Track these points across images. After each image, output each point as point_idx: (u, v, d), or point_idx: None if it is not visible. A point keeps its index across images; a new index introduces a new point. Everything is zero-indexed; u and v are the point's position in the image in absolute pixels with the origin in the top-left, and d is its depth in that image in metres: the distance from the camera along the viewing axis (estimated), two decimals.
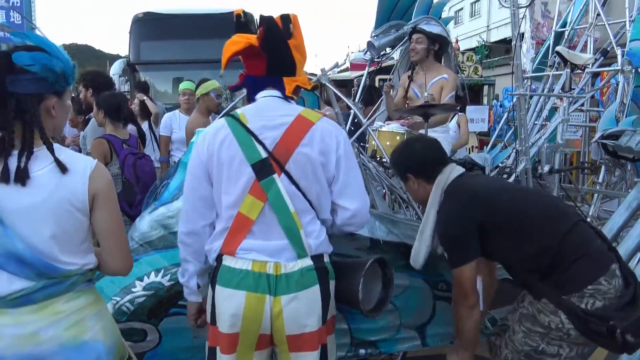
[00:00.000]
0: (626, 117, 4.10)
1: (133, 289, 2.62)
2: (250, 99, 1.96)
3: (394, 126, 3.57)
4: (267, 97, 1.90)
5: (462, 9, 30.60)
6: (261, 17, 1.91)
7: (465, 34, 26.49)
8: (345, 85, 12.51)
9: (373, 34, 4.22)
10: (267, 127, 1.82)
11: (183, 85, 5.45)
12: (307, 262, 1.80)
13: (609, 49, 4.47)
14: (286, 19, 1.86)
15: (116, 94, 4.12)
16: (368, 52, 4.24)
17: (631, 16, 4.37)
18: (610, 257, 2.05)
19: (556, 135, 3.81)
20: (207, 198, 1.85)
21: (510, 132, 4.77)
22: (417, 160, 2.34)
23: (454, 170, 2.28)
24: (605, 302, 1.96)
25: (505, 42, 20.55)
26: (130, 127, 4.31)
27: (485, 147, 5.57)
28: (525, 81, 5.25)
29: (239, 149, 1.80)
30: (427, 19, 3.89)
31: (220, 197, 1.83)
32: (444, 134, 3.87)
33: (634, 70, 4.22)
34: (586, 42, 4.79)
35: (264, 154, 1.79)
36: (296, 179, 1.80)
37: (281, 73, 1.89)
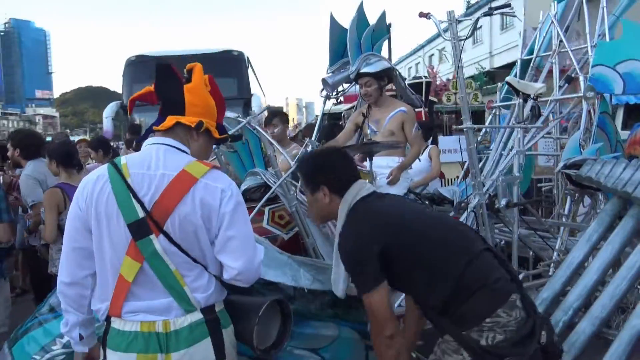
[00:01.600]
0: (592, 144, 3.98)
1: (53, 347, 2.54)
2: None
3: None
4: (152, 146, 1.84)
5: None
6: (157, 65, 1.90)
7: (466, 62, 26.57)
8: (339, 118, 12.51)
9: (328, 71, 4.18)
10: (147, 183, 1.74)
11: None
12: (197, 316, 1.76)
13: (573, 75, 4.37)
14: (188, 69, 1.91)
15: (65, 142, 4.13)
16: (324, 90, 4.19)
17: (593, 42, 4.29)
18: (511, 287, 1.95)
19: (513, 167, 3.69)
20: (83, 249, 1.78)
21: (481, 163, 4.64)
22: (336, 173, 2.23)
23: (362, 189, 2.19)
24: (506, 334, 1.86)
25: (509, 66, 20.58)
26: (92, 166, 4.33)
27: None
28: (494, 110, 5.17)
29: (116, 205, 1.73)
30: (366, 58, 3.82)
31: (104, 254, 1.76)
32: (405, 172, 3.77)
33: (599, 96, 4.12)
34: (551, 69, 4.70)
35: (141, 214, 1.71)
36: (176, 239, 1.73)
37: (168, 112, 1.87)
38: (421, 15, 3.41)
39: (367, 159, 3.37)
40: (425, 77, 7.90)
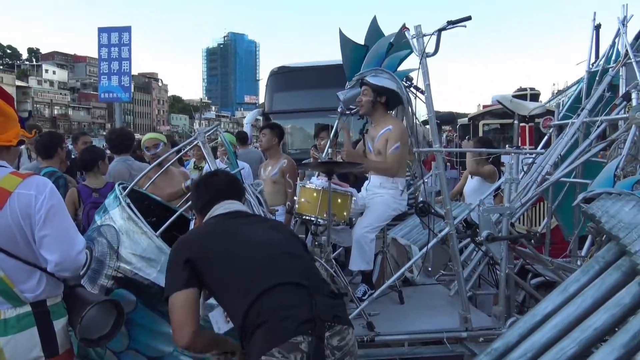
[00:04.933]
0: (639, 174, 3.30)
1: None
2: None
3: (319, 182, 3.46)
4: None
5: None
6: None
7: None
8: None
9: (347, 86, 4.14)
10: None
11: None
12: (25, 308, 2.08)
13: (632, 91, 3.60)
14: None
15: (86, 149, 4.57)
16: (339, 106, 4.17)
17: None
18: (300, 329, 1.84)
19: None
20: None
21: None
22: (196, 196, 2.39)
23: (218, 209, 2.29)
24: None
25: None
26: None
27: None
28: (552, 129, 4.51)
29: None
30: (377, 70, 3.70)
31: None
32: (392, 191, 3.56)
33: None
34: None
35: None
36: (2, 246, 2.01)
37: None
38: (402, 29, 3.26)
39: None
40: (532, 89, 7.11)
